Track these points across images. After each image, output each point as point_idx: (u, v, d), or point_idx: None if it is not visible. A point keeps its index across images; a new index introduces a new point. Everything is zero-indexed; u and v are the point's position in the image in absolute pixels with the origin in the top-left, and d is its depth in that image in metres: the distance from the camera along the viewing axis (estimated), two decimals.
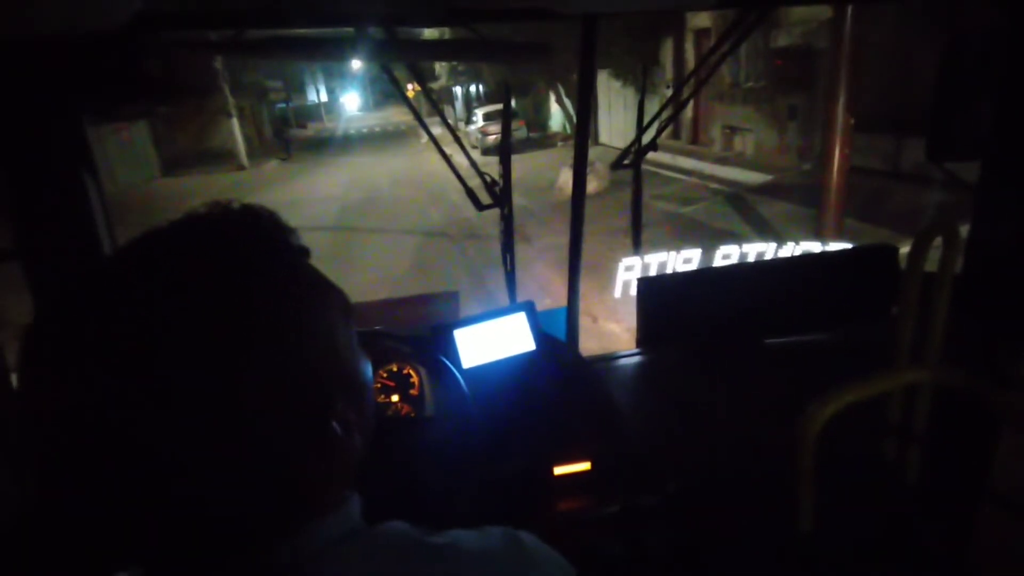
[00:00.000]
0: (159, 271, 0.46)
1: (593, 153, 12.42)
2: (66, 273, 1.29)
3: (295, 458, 0.49)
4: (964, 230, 1.21)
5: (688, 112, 14.66)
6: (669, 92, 14.50)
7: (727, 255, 4.98)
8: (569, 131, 18.76)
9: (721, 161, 13.02)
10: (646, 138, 1.83)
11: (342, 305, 0.56)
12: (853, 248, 2.14)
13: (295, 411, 0.48)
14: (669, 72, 15.32)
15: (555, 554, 0.60)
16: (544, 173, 13.03)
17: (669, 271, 4.82)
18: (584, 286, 2.02)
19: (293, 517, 0.50)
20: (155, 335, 0.43)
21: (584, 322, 2.47)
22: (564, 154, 16.22)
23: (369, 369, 0.60)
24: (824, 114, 7.47)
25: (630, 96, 15.79)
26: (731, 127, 13.73)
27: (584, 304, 2.12)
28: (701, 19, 13.70)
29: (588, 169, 1.80)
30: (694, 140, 15.13)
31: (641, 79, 14.74)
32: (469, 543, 0.55)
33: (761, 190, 10.42)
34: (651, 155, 1.89)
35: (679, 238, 7.87)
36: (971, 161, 1.23)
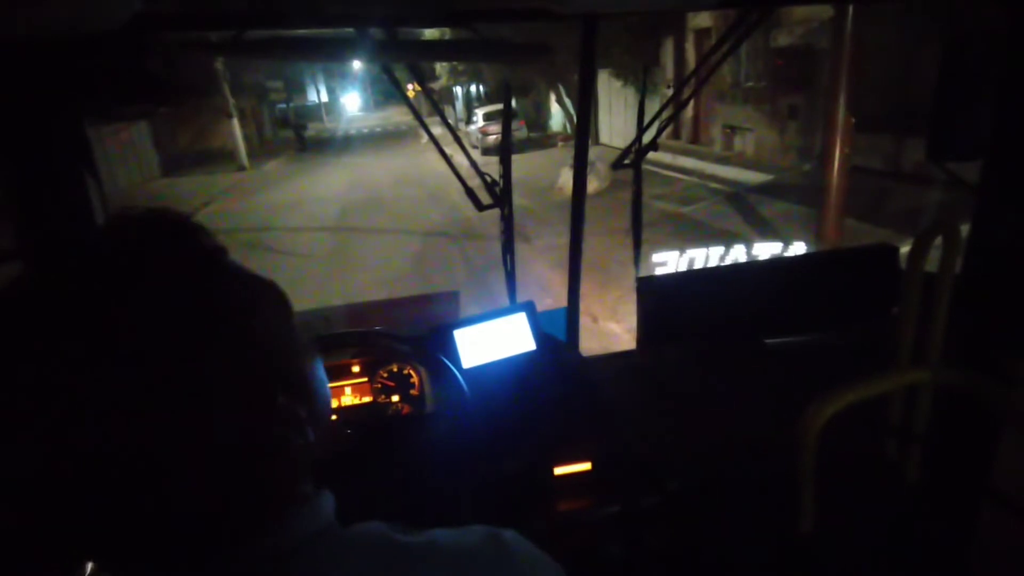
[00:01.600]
0: (64, 289, 0.46)
1: (593, 153, 12.42)
2: None
3: (237, 457, 0.48)
4: (965, 230, 1.22)
5: (688, 112, 14.67)
6: (669, 92, 14.50)
7: (754, 254, 4.93)
8: (569, 131, 18.76)
9: (721, 161, 13.02)
10: (647, 138, 1.83)
11: (277, 302, 0.55)
12: (854, 248, 2.13)
13: (229, 409, 0.48)
14: (670, 72, 15.32)
15: (540, 553, 0.59)
16: (544, 173, 13.02)
17: (699, 267, 4.78)
18: (584, 286, 2.02)
19: (251, 517, 0.50)
20: (68, 346, 0.43)
21: (584, 322, 2.46)
22: (564, 154, 16.23)
23: (318, 366, 0.59)
24: (825, 113, 7.47)
25: (630, 96, 15.81)
26: (731, 127, 13.72)
27: (584, 304, 2.12)
28: (702, 19, 13.70)
29: (588, 169, 1.80)
30: (694, 140, 15.13)
31: (641, 79, 14.75)
32: (446, 542, 0.54)
33: (761, 190, 10.41)
34: (651, 155, 1.88)
35: (679, 238, 7.87)
36: (972, 161, 1.23)
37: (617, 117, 17.31)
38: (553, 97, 19.12)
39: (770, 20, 10.50)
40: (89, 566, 0.60)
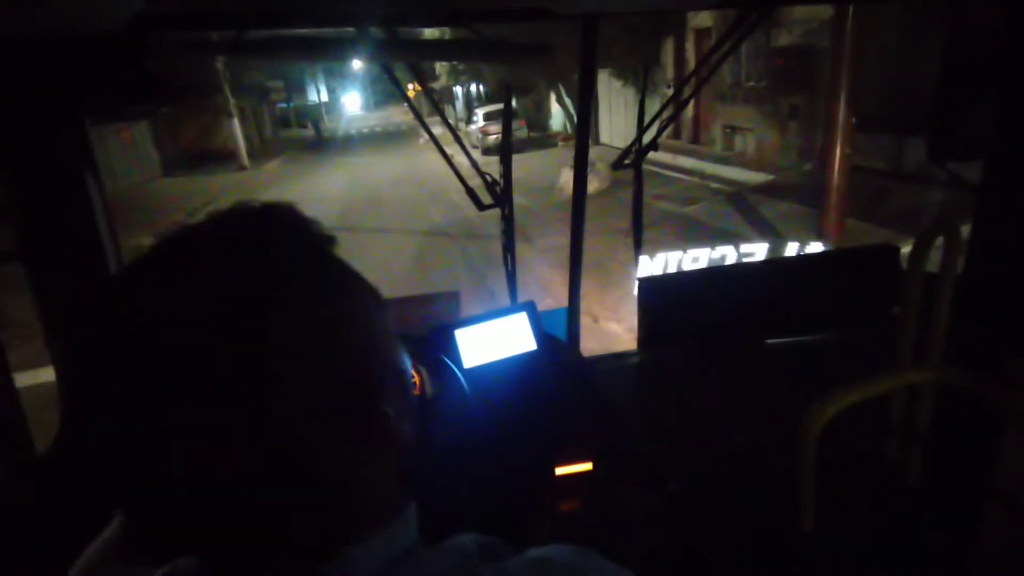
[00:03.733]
0: (189, 270, 0.45)
1: (593, 153, 12.38)
2: (68, 274, 1.30)
3: (348, 454, 0.47)
4: (965, 230, 1.22)
5: (689, 112, 14.67)
6: (670, 92, 14.49)
7: (749, 253, 4.94)
8: (570, 131, 18.76)
9: (722, 161, 13.02)
10: (647, 138, 1.83)
11: (374, 294, 0.54)
12: (855, 248, 2.13)
13: (341, 403, 0.46)
14: (670, 72, 15.32)
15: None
16: (545, 173, 13.02)
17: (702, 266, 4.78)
18: (585, 286, 2.02)
19: (350, 525, 0.48)
20: (184, 334, 0.42)
21: (585, 322, 2.47)
22: (565, 154, 16.22)
23: (407, 358, 0.57)
24: (825, 113, 7.47)
25: (630, 96, 15.80)
26: (732, 126, 13.72)
27: (585, 304, 2.12)
28: (702, 19, 13.69)
29: (589, 169, 1.80)
30: (695, 140, 15.13)
31: (642, 79, 14.75)
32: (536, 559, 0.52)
33: (762, 190, 10.41)
34: (652, 155, 1.88)
35: (680, 238, 7.87)
36: (973, 161, 1.23)
37: (617, 117, 17.31)
38: (553, 97, 19.14)
39: (770, 20, 10.49)
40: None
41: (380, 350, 0.51)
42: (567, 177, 11.04)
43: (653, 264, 4.62)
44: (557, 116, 21.92)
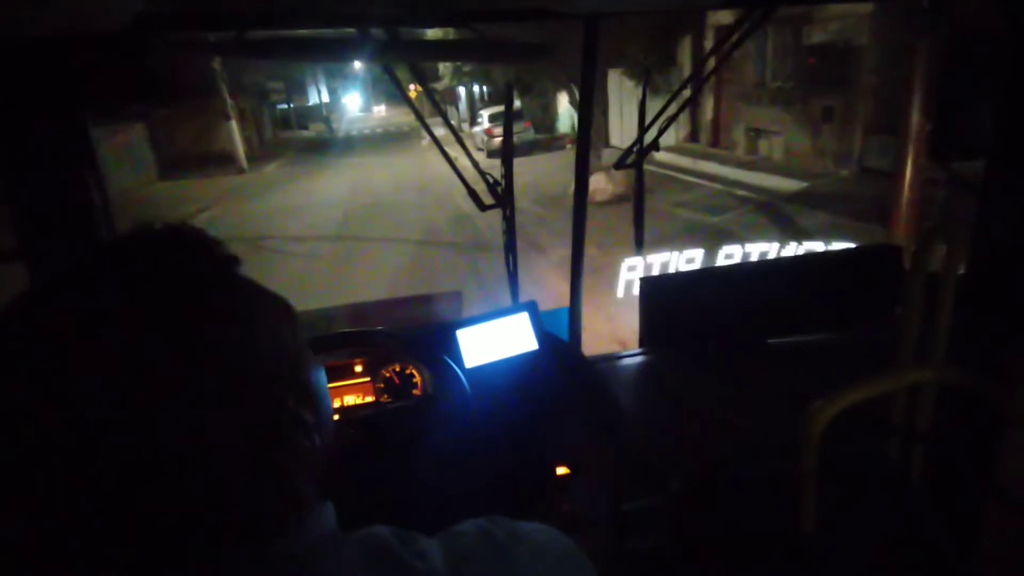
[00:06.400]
0: (98, 295, 0.49)
1: (606, 156, 12.33)
2: None
3: (242, 459, 0.52)
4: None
5: (708, 113, 14.57)
6: (687, 93, 14.39)
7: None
8: None
9: (745, 166, 12.78)
10: (650, 139, 1.88)
11: (285, 311, 0.60)
12: (857, 248, 2.18)
13: (231, 411, 0.51)
14: (687, 71, 15.24)
15: (535, 534, 0.61)
16: (554, 177, 12.89)
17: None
18: (595, 299, 2.06)
19: (259, 521, 0.53)
20: (101, 350, 0.46)
21: (598, 326, 2.50)
22: (573, 157, 16.09)
23: (323, 375, 0.63)
24: (866, 117, 7.00)
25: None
26: (756, 129, 13.53)
27: (595, 318, 2.16)
28: (722, 16, 13.65)
29: (602, 174, 1.86)
30: (714, 143, 14.93)
31: (654, 80, 14.62)
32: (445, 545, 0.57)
33: (797, 199, 10.11)
34: (670, 159, 1.95)
35: (714, 252, 7.73)
36: (975, 160, 1.28)
37: (628, 119, 17.17)
38: (560, 98, 19.08)
39: (772, 18, 10.41)
40: None
41: (287, 365, 0.57)
42: None
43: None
44: (564, 118, 21.88)
